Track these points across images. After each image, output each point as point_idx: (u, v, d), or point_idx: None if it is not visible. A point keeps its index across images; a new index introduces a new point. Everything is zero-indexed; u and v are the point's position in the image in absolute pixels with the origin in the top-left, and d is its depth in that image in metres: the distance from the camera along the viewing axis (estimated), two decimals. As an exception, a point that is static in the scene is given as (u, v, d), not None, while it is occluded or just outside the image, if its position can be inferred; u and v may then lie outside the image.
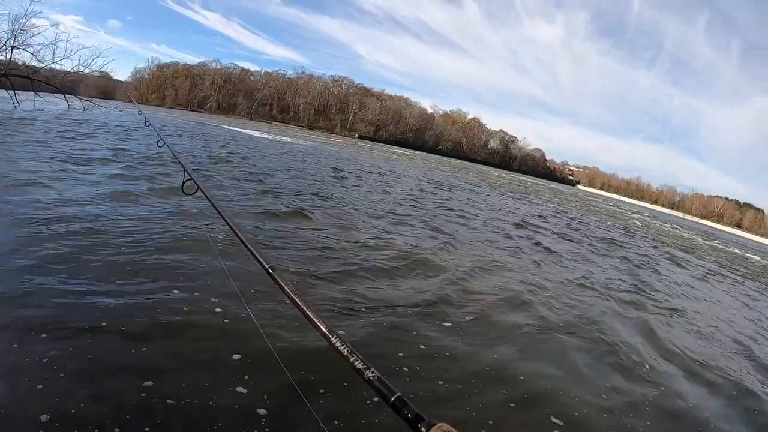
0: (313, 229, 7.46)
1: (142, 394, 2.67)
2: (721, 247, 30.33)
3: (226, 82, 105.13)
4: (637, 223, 31.21)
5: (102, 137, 15.54)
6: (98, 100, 30.25)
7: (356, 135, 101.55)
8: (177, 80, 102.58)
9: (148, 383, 2.77)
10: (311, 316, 1.49)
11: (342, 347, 1.32)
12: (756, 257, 29.10)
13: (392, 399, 1.12)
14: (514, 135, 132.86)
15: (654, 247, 17.06)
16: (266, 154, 21.19)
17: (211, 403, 2.72)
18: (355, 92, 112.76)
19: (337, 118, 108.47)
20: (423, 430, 0.97)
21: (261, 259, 1.91)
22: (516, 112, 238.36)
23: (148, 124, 8.30)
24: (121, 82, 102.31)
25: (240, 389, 2.89)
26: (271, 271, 1.80)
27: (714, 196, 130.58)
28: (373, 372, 1.21)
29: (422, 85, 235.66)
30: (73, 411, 2.44)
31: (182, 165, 3.84)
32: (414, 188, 17.53)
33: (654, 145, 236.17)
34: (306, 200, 9.99)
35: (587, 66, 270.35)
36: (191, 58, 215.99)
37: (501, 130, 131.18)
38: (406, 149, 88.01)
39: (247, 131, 40.41)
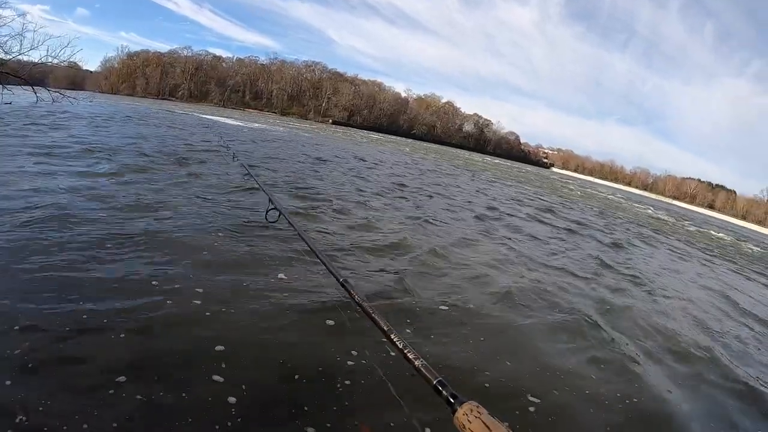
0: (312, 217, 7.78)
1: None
2: (692, 228, 31.03)
3: (197, 70, 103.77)
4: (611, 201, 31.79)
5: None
6: (68, 91, 29.51)
7: (330, 121, 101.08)
8: (147, 69, 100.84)
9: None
10: (375, 317, 1.77)
11: (398, 341, 1.58)
12: (720, 234, 29.97)
13: (434, 382, 1.35)
14: (489, 118, 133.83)
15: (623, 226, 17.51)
16: (246, 142, 21.48)
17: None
18: (329, 77, 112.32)
19: (311, 103, 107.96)
20: (456, 406, 1.19)
21: (334, 272, 2.27)
22: (491, 96, 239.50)
23: (229, 150, 8.78)
24: (91, 72, 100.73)
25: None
26: (345, 283, 2.13)
27: (687, 178, 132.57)
28: (421, 361, 1.45)
29: (396, 70, 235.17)
30: (41, 408, 2.39)
31: (267, 194, 4.15)
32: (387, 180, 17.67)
33: (628, 127, 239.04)
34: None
35: (561, 49, 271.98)
36: (162, 46, 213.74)
37: (475, 113, 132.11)
38: (381, 134, 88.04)
39: (220, 119, 40.22)
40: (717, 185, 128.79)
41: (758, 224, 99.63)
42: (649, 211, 37.11)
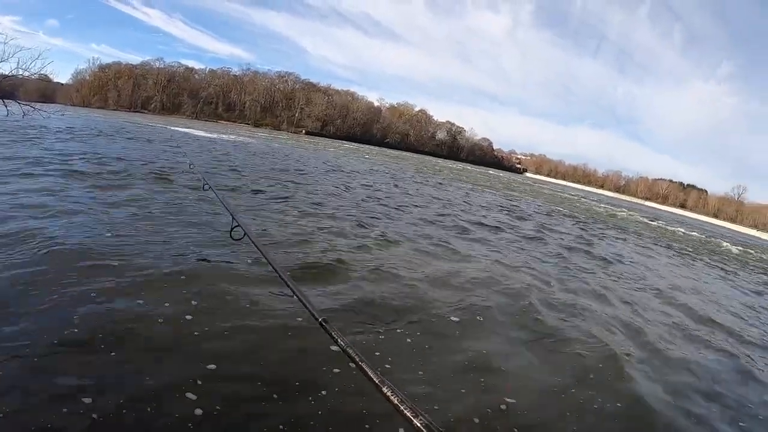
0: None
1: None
2: (658, 225, 32.17)
3: (169, 82, 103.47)
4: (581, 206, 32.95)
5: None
6: (38, 104, 29.58)
7: (303, 131, 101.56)
8: (119, 81, 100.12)
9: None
10: (364, 368, 1.62)
11: (393, 397, 1.43)
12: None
13: None
14: (462, 126, 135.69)
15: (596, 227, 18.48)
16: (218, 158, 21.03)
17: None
18: (302, 88, 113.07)
19: (284, 114, 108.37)
20: None
21: (313, 311, 2.05)
22: (463, 103, 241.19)
23: (192, 166, 8.40)
24: (62, 84, 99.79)
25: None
26: (324, 324, 1.94)
27: (659, 179, 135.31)
28: (421, 419, 1.32)
29: (369, 79, 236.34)
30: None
31: (231, 213, 4.03)
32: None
33: (600, 131, 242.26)
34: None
35: (533, 56, 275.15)
36: (134, 58, 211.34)
37: (448, 121, 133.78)
38: (354, 143, 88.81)
39: (193, 132, 40.11)
40: (688, 185, 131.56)
41: (730, 221, 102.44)
42: (624, 213, 38.70)
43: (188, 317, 3.98)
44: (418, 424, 1.31)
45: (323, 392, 3.22)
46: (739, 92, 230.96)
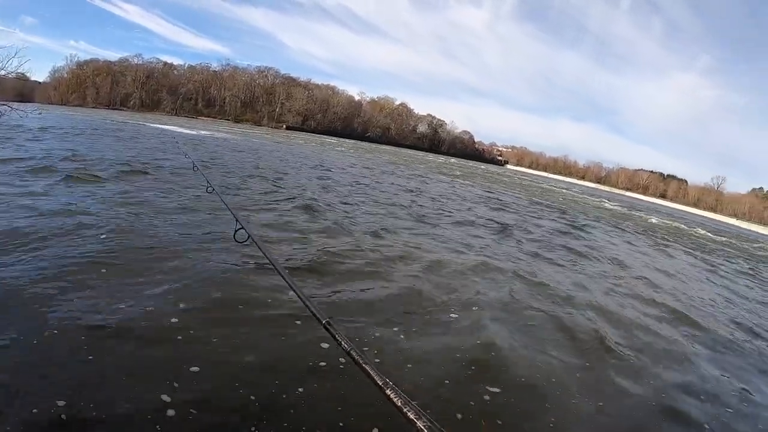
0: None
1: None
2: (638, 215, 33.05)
3: (148, 78, 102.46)
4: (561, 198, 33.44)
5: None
6: (15, 103, 28.82)
7: (284, 126, 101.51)
8: (98, 78, 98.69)
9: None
10: (368, 369, 1.62)
11: (396, 399, 1.43)
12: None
13: None
14: (443, 119, 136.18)
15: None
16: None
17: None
18: (282, 82, 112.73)
19: (264, 109, 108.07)
20: None
21: (317, 313, 2.07)
22: (444, 96, 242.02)
23: (196, 169, 7.98)
24: (40, 83, 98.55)
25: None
26: (328, 326, 1.96)
27: (639, 170, 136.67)
28: (424, 422, 1.32)
29: (349, 73, 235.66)
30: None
31: (235, 216, 3.97)
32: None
33: (581, 123, 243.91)
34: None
35: (514, 49, 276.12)
36: (112, 54, 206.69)
37: (429, 114, 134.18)
38: (335, 138, 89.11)
39: (174, 128, 39.78)
40: (669, 175, 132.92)
41: (709, 211, 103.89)
42: (606, 203, 39.61)
43: (187, 321, 4.08)
44: (421, 426, 1.31)
45: (324, 389, 3.34)
46: (719, 85, 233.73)
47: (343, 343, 1.82)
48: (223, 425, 2.85)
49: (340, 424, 3.02)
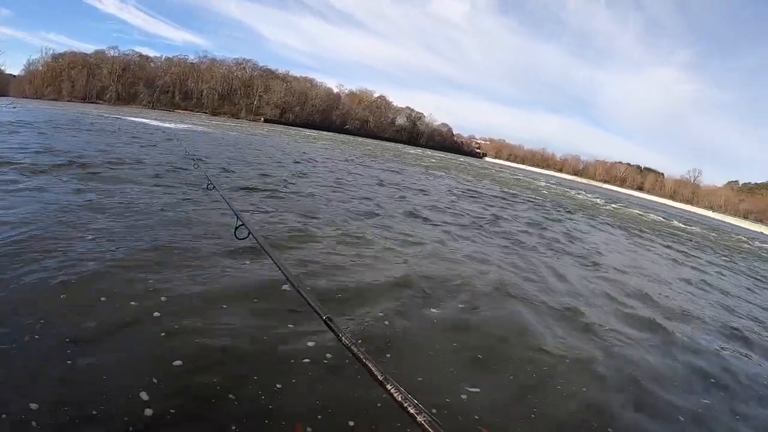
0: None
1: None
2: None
3: (125, 71, 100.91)
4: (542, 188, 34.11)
5: None
6: None
7: (262, 119, 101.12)
8: (73, 71, 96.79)
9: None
10: (369, 365, 1.63)
11: (396, 394, 1.46)
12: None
13: None
14: (421, 111, 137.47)
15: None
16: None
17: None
18: (260, 75, 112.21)
19: (242, 102, 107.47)
20: None
21: (318, 309, 2.08)
22: (423, 89, 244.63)
23: (197, 166, 8.04)
24: (14, 76, 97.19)
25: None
26: (329, 321, 1.96)
27: (617, 162, 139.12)
28: (424, 416, 1.33)
29: (328, 65, 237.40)
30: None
31: (235, 213, 4.07)
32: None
33: (559, 116, 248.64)
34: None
35: (493, 41, 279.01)
36: (88, 47, 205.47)
37: (408, 106, 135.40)
38: (314, 130, 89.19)
39: (151, 122, 38.38)
40: (646, 168, 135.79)
41: (686, 203, 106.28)
42: (578, 194, 39.94)
43: (176, 317, 3.99)
44: (422, 421, 1.31)
45: (321, 385, 3.33)
46: (696, 79, 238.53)
47: (343, 338, 1.83)
48: (206, 420, 2.82)
49: (332, 421, 3.02)
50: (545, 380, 4.04)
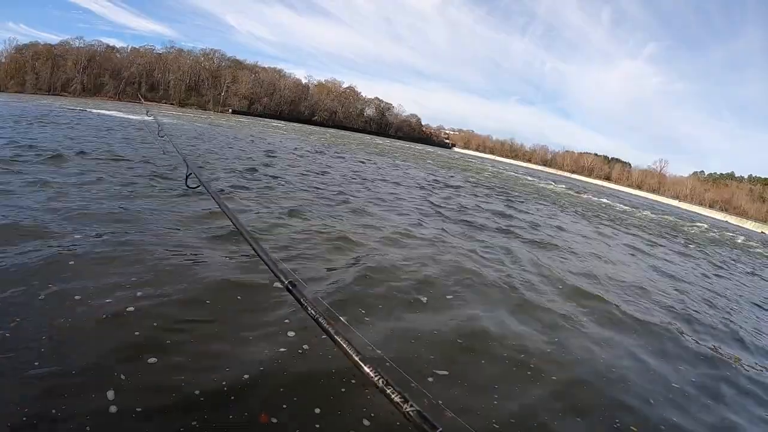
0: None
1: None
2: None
3: (90, 62, 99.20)
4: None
5: None
6: None
7: (230, 110, 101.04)
8: (37, 63, 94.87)
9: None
10: (341, 342, 1.40)
11: (376, 378, 1.26)
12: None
13: None
14: (390, 102, 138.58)
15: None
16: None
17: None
18: (228, 66, 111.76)
19: (210, 93, 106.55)
20: None
21: (279, 275, 1.81)
22: (391, 79, 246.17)
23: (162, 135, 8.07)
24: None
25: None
26: (291, 288, 1.71)
27: (584, 153, 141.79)
28: (411, 405, 1.17)
29: (296, 56, 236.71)
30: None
31: (185, 161, 3.92)
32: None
33: (528, 107, 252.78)
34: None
35: (462, 32, 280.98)
36: (53, 38, 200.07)
37: (376, 97, 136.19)
38: (282, 121, 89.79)
39: (117, 114, 37.10)
40: (613, 158, 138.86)
41: (652, 193, 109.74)
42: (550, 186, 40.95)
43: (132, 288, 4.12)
44: (409, 411, 1.15)
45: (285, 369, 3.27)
46: (663, 72, 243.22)
47: (309, 308, 1.57)
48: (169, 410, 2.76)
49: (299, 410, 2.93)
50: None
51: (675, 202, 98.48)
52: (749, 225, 74.19)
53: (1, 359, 2.91)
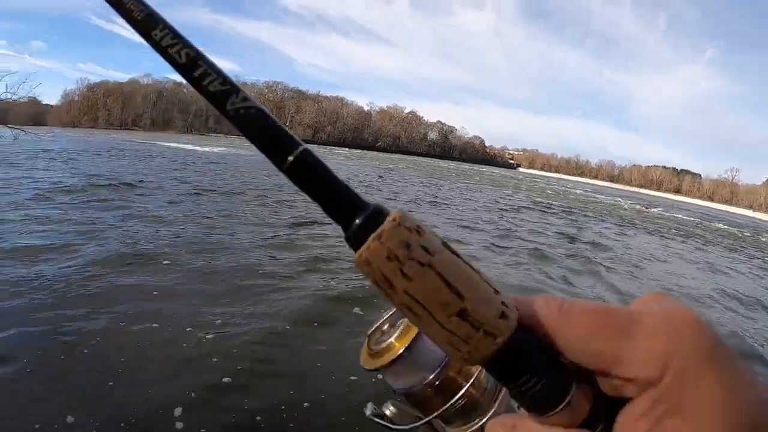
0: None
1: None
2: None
3: (159, 97, 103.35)
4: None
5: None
6: (28, 127, 29.14)
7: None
8: (108, 100, 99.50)
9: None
10: None
11: None
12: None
13: None
14: (452, 125, 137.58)
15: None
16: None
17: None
18: (291, 96, 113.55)
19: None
20: None
21: None
22: (452, 101, 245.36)
23: None
24: (52, 106, 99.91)
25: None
26: None
27: (652, 166, 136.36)
28: None
29: (357, 83, 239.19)
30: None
31: None
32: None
33: (589, 121, 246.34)
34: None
35: (518, 50, 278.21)
36: (121, 75, 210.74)
37: (438, 121, 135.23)
38: (346, 149, 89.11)
39: (188, 146, 39.53)
40: (682, 170, 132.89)
41: (725, 204, 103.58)
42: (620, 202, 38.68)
43: None
44: None
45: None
46: (725, 75, 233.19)
47: None
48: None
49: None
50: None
51: (749, 212, 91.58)
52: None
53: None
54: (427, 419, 0.57)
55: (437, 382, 0.56)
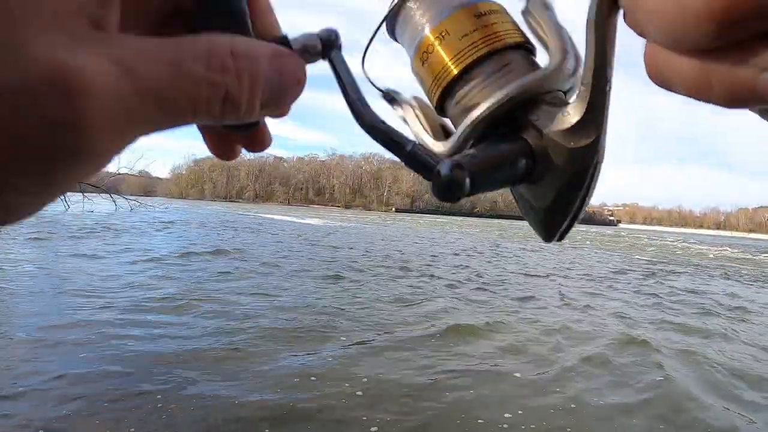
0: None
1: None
2: None
3: (261, 171, 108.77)
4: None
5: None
6: (142, 198, 31.70)
7: (393, 209, 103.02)
8: (213, 173, 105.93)
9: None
10: None
11: None
12: None
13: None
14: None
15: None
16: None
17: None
18: (388, 167, 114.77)
19: (373, 194, 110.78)
20: None
21: None
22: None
23: None
24: (160, 178, 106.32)
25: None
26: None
27: (759, 207, 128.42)
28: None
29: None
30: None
31: None
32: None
33: (688, 166, 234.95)
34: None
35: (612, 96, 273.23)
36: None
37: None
38: (444, 216, 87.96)
39: (292, 219, 37.37)
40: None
41: None
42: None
43: None
44: None
45: None
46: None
47: None
48: None
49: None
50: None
51: None
52: None
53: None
54: None
55: None
